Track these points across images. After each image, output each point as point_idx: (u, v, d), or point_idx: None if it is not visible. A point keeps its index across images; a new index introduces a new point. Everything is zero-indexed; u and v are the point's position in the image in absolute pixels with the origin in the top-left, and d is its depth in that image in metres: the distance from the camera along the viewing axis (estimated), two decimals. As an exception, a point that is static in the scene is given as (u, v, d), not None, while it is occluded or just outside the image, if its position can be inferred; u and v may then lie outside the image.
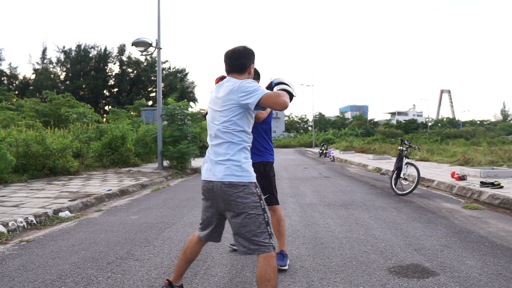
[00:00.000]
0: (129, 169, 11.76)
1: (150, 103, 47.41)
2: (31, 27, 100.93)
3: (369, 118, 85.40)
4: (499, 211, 5.75)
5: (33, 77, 52.82)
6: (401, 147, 7.99)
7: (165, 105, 13.12)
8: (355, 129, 61.05)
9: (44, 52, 54.60)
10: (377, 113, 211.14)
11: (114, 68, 58.41)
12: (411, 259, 3.44)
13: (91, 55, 55.28)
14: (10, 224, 4.51)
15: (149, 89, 56.51)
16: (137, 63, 55.79)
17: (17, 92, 48.75)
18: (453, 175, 8.82)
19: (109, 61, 56.42)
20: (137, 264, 3.36)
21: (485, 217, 5.31)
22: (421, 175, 8.84)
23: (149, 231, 4.53)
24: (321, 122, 74.63)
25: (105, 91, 56.00)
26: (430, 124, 74.90)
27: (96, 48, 55.60)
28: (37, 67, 53.79)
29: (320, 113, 75.73)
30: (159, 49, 12.04)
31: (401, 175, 7.68)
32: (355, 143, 34.39)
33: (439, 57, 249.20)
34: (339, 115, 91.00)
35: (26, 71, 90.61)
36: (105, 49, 55.56)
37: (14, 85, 51.93)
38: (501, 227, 4.72)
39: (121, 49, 56.01)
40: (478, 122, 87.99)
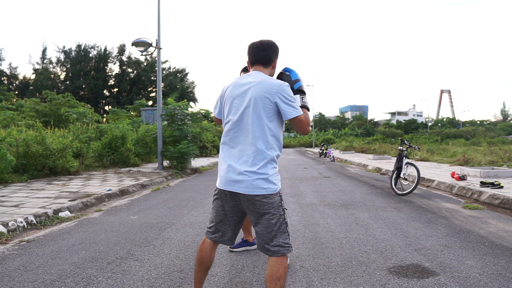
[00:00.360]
0: (129, 169, 11.77)
1: (150, 103, 47.44)
2: (31, 27, 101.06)
3: (369, 118, 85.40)
4: (499, 211, 5.75)
5: (33, 77, 52.88)
6: (401, 147, 7.99)
7: (165, 105, 13.12)
8: (355, 129, 61.08)
9: (44, 52, 54.64)
10: (377, 113, 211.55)
11: (114, 68, 58.51)
12: (411, 259, 3.44)
13: (91, 55, 55.31)
14: (10, 224, 4.51)
15: (149, 89, 56.53)
16: (137, 63, 55.84)
17: (17, 92, 48.77)
18: (453, 175, 8.82)
19: (109, 61, 56.46)
20: (137, 264, 3.36)
21: (485, 217, 5.31)
22: (421, 175, 8.84)
23: (149, 231, 4.53)
24: (321, 122, 74.61)
25: (105, 91, 56.00)
26: (430, 124, 74.96)
27: (96, 48, 55.66)
28: (37, 67, 53.85)
29: (320, 113, 75.72)
30: (159, 49, 12.04)
31: (401, 175, 7.68)
32: (355, 143, 34.40)
33: (439, 57, 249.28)
34: (339, 115, 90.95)
35: (26, 71, 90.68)
36: (105, 49, 55.61)
37: (14, 85, 51.94)
38: (501, 227, 4.72)
39: (121, 49, 56.06)
40: (478, 122, 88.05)
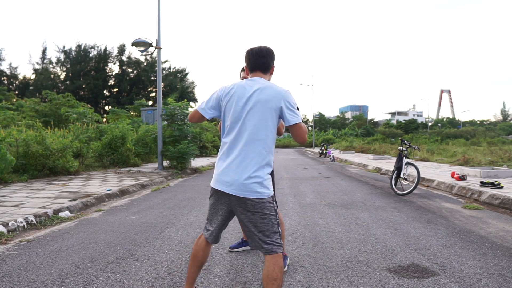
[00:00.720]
0: (129, 169, 11.76)
1: (150, 103, 47.44)
2: (31, 27, 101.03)
3: (369, 118, 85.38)
4: (499, 211, 5.75)
5: (33, 77, 52.89)
6: (401, 147, 7.99)
7: (165, 105, 13.12)
8: (355, 129, 61.06)
9: (44, 52, 54.68)
10: (377, 113, 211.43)
11: (114, 68, 58.53)
12: (411, 259, 3.44)
13: (91, 55, 55.33)
14: (10, 224, 4.51)
15: (149, 89, 56.54)
16: (137, 63, 55.85)
17: (17, 92, 48.78)
18: (453, 175, 8.82)
19: (109, 61, 56.49)
20: (137, 264, 3.36)
21: (485, 217, 5.31)
22: (421, 175, 8.84)
23: (149, 231, 4.53)
24: (321, 122, 74.60)
25: (105, 91, 56.01)
26: (430, 124, 74.97)
27: (96, 48, 55.69)
28: (37, 67, 53.86)
29: (320, 113, 75.72)
30: (159, 49, 12.04)
31: (401, 175, 7.68)
32: (355, 143, 34.40)
33: (439, 57, 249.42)
34: (339, 115, 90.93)
35: (26, 71, 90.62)
36: (105, 49, 55.64)
37: (14, 85, 51.95)
38: (501, 227, 4.71)
39: (121, 49, 56.09)
40: (478, 122, 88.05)
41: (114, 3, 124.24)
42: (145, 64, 55.02)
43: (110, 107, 44.50)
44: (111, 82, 57.01)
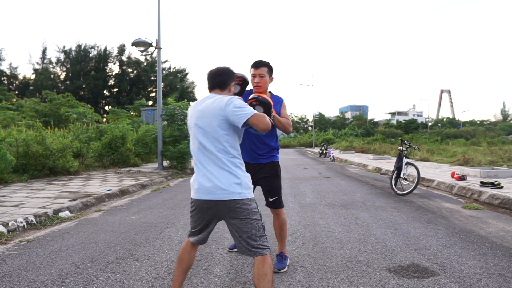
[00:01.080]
0: (129, 169, 11.77)
1: (150, 103, 47.44)
2: (31, 27, 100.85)
3: (369, 118, 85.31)
4: (499, 211, 5.75)
5: (33, 77, 52.88)
6: (401, 147, 7.99)
7: (165, 105, 13.13)
8: (355, 129, 61.03)
9: (44, 52, 54.65)
10: (377, 113, 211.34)
11: (114, 68, 58.50)
12: (411, 259, 3.44)
13: (91, 55, 55.31)
14: (10, 224, 4.51)
15: (149, 89, 56.53)
16: (137, 63, 55.84)
17: (17, 92, 48.77)
18: (453, 175, 8.82)
19: (109, 61, 56.46)
20: (137, 264, 3.36)
21: (485, 217, 5.31)
22: (421, 175, 8.84)
23: (149, 231, 4.53)
24: (321, 122, 74.56)
25: (105, 91, 56.00)
26: (430, 124, 74.93)
27: (96, 48, 55.65)
28: (37, 67, 53.85)
29: (320, 113, 75.68)
30: (159, 49, 12.04)
31: (401, 175, 7.68)
32: (355, 143, 34.38)
33: (439, 57, 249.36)
34: (339, 115, 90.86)
35: (26, 71, 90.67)
36: (105, 49, 55.61)
37: (14, 85, 51.94)
38: (501, 227, 4.72)
39: (121, 49, 56.06)
40: (478, 122, 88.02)
41: (114, 3, 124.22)
42: (145, 64, 55.04)
43: (110, 107, 44.50)
44: (111, 82, 57.03)
